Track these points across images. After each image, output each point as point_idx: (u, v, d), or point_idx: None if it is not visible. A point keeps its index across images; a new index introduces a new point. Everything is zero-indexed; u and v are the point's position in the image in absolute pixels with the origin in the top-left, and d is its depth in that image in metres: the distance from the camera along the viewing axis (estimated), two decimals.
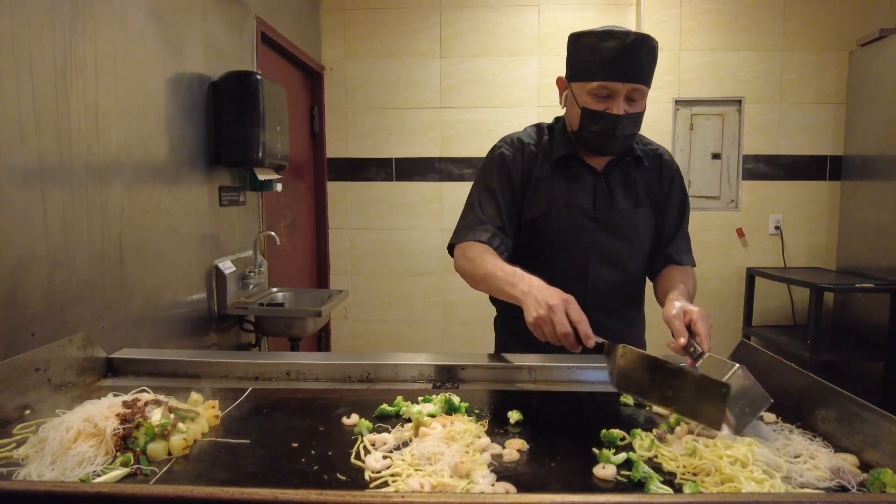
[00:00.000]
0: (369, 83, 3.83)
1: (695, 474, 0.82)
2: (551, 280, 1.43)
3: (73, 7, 1.58)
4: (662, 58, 3.60)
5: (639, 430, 0.94)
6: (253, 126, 2.30)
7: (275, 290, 2.69)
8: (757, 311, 3.69)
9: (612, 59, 1.29)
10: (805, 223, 3.72)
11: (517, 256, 1.49)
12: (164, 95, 2.02)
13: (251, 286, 2.46)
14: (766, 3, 3.58)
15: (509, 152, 1.50)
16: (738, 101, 3.67)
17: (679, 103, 3.70)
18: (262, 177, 2.47)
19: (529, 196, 1.48)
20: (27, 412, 1.03)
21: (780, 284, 3.65)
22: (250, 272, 2.45)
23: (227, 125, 2.30)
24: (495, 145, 1.56)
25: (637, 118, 1.37)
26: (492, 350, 1.62)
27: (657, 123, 3.69)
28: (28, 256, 1.44)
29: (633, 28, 3.69)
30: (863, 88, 3.42)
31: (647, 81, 1.34)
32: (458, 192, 3.87)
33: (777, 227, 3.71)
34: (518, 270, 1.24)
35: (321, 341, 3.88)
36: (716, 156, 3.75)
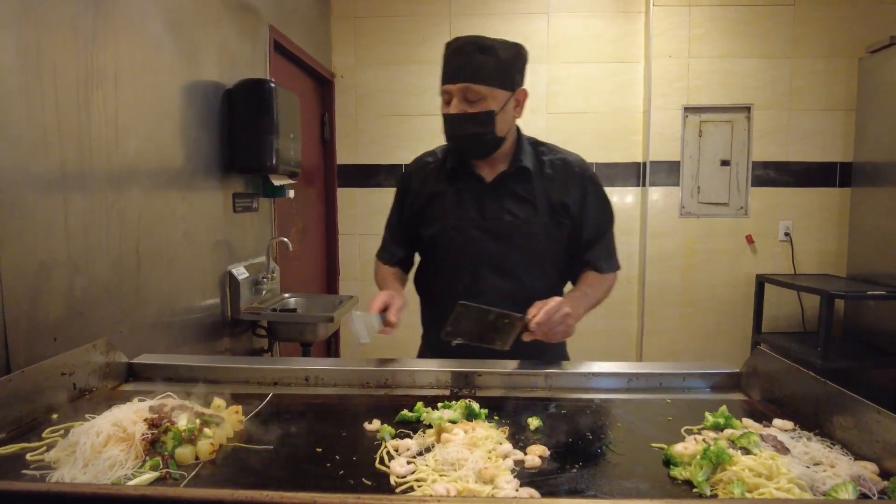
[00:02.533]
0: (379, 90, 3.85)
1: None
2: (449, 290, 1.55)
3: (94, 17, 1.61)
4: (671, 65, 3.65)
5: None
6: (267, 133, 2.32)
7: (287, 295, 2.71)
8: (766, 317, 3.68)
9: (446, 64, 1.37)
10: (815, 230, 3.71)
11: (425, 270, 1.64)
12: (180, 103, 2.05)
13: (264, 292, 2.48)
14: (774, 11, 3.59)
15: (408, 170, 1.64)
16: (747, 108, 3.68)
17: (688, 110, 3.70)
18: (277, 182, 2.50)
19: (426, 211, 1.55)
20: (54, 416, 1.05)
21: (790, 291, 3.64)
22: (263, 278, 2.47)
23: (241, 132, 2.32)
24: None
25: (480, 118, 1.35)
26: (500, 357, 1.64)
27: (666, 130, 3.70)
28: (50, 262, 1.46)
29: (641, 36, 3.72)
30: (873, 95, 3.42)
31: (480, 80, 1.33)
32: None
33: (787, 234, 3.71)
34: (387, 282, 1.56)
35: (330, 346, 3.89)
36: (725, 162, 3.75)
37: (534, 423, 1.03)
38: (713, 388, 1.31)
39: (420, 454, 0.91)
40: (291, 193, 2.67)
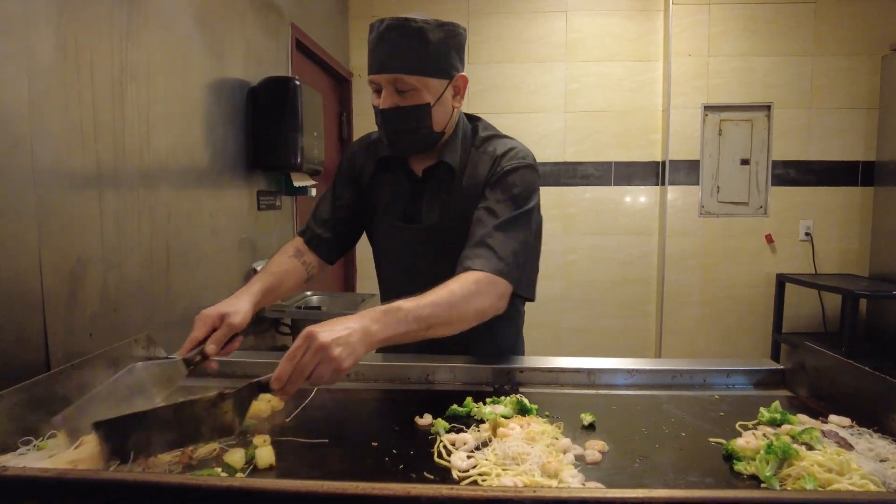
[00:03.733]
0: None
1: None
2: (387, 291, 1.46)
3: (128, 14, 1.61)
4: (690, 64, 3.62)
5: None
6: (291, 131, 2.32)
7: (309, 293, 2.70)
8: (787, 317, 3.65)
9: (372, 51, 1.21)
10: (836, 229, 3.68)
11: (377, 271, 1.49)
12: (208, 100, 2.05)
13: None
14: (796, 8, 3.56)
15: (353, 150, 1.47)
16: (768, 107, 3.65)
17: (707, 109, 3.68)
18: (297, 182, 2.49)
19: (366, 199, 1.42)
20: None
21: (811, 291, 3.61)
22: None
23: (265, 130, 2.32)
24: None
25: (414, 112, 1.21)
26: (522, 352, 1.58)
27: (686, 129, 3.68)
28: (86, 258, 1.46)
29: (660, 34, 3.70)
30: None
31: (410, 70, 1.17)
32: None
33: (807, 234, 3.68)
34: (256, 277, 1.33)
35: None
36: (744, 161, 3.73)
37: (587, 418, 1.02)
38: (756, 384, 1.30)
39: (477, 448, 0.90)
40: (314, 192, 2.67)
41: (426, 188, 1.34)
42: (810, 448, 0.88)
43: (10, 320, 1.20)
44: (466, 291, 1.10)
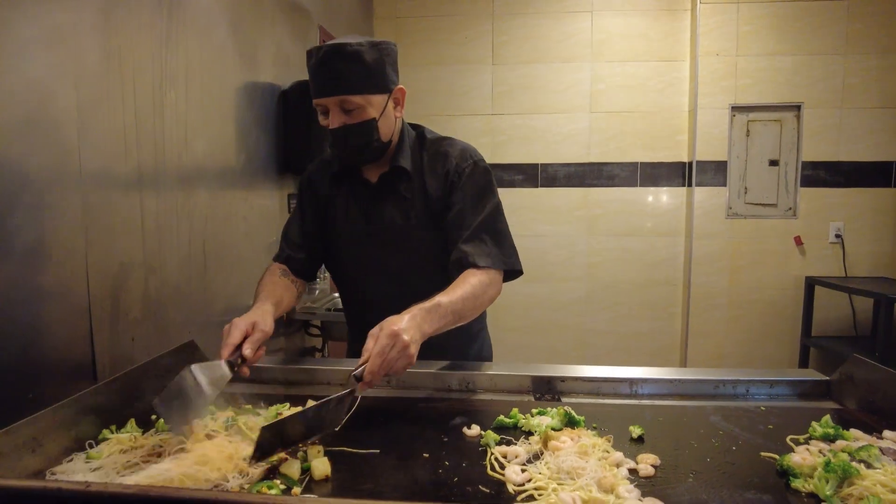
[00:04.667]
0: (421, 91, 3.85)
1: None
2: (349, 299, 1.55)
3: (168, 21, 1.63)
4: (718, 63, 3.59)
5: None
6: (321, 134, 2.33)
7: (336, 295, 2.72)
8: (816, 321, 3.60)
9: (315, 76, 1.30)
10: (868, 231, 3.62)
11: (335, 275, 1.58)
12: (241, 105, 2.07)
13: (316, 292, 2.49)
14: (826, 6, 3.50)
15: (309, 171, 1.56)
16: (797, 107, 3.60)
17: (735, 109, 3.64)
18: None
19: (323, 216, 1.50)
20: (153, 417, 1.06)
21: (841, 294, 3.55)
22: (316, 278, 2.48)
23: (296, 133, 2.34)
24: None
25: (362, 127, 1.30)
26: (537, 356, 1.63)
27: (713, 130, 3.63)
28: (128, 263, 1.48)
29: (687, 33, 3.66)
30: None
31: (352, 90, 1.26)
32: (507, 199, 3.82)
33: (838, 236, 3.62)
34: (264, 293, 1.35)
35: None
36: (773, 162, 3.67)
37: (636, 430, 1.01)
38: (801, 395, 1.28)
39: (529, 461, 0.90)
40: None
41: (383, 192, 1.42)
42: (869, 466, 0.86)
43: (59, 324, 1.22)
44: (483, 283, 1.28)
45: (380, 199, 1.42)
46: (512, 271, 1.41)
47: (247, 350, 1.10)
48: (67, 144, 1.26)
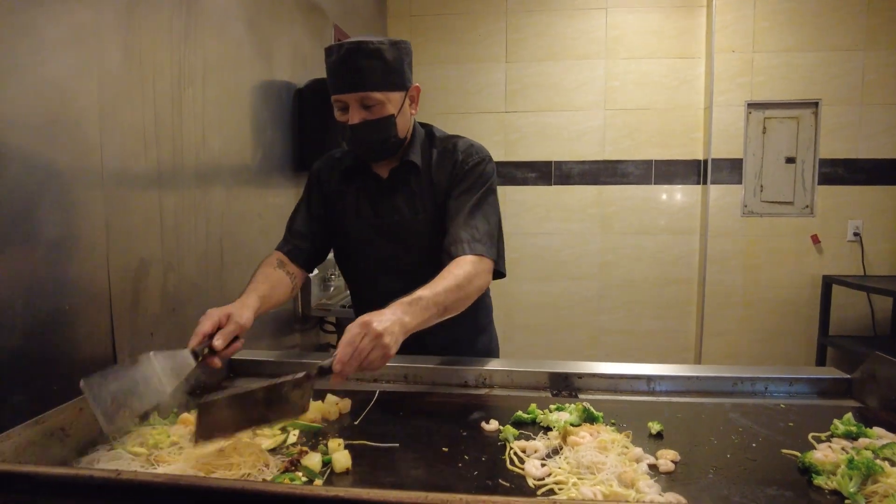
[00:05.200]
0: (434, 89, 3.86)
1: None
2: (356, 294, 1.56)
3: (186, 20, 1.64)
4: (734, 60, 3.55)
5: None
6: (336, 132, 2.34)
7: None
8: (834, 320, 3.55)
9: (335, 72, 1.31)
10: (887, 229, 3.57)
11: (345, 270, 1.58)
12: (257, 103, 2.08)
13: (331, 288, 2.51)
14: (846, 1, 3.45)
15: (317, 167, 1.58)
16: (815, 104, 3.55)
17: (751, 106, 3.60)
18: None
19: (331, 211, 1.52)
20: (174, 411, 1.07)
21: (859, 293, 3.51)
22: (331, 275, 2.50)
23: (311, 131, 2.35)
24: None
25: (381, 124, 1.32)
26: (550, 354, 1.63)
27: (728, 127, 3.60)
28: (148, 259, 1.50)
29: (703, 30, 3.63)
30: None
31: (374, 87, 1.29)
32: (521, 197, 3.86)
33: (856, 234, 3.57)
34: (252, 284, 1.34)
35: None
36: (790, 160, 3.63)
37: (655, 426, 1.01)
38: (821, 393, 1.27)
39: (548, 456, 0.90)
40: None
41: (394, 187, 1.44)
42: (893, 464, 0.86)
43: (82, 319, 1.24)
44: (468, 273, 1.25)
45: (390, 194, 1.44)
46: (497, 271, 1.40)
47: (217, 341, 1.09)
48: (90, 142, 1.27)
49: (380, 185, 1.45)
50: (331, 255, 1.63)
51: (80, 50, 1.23)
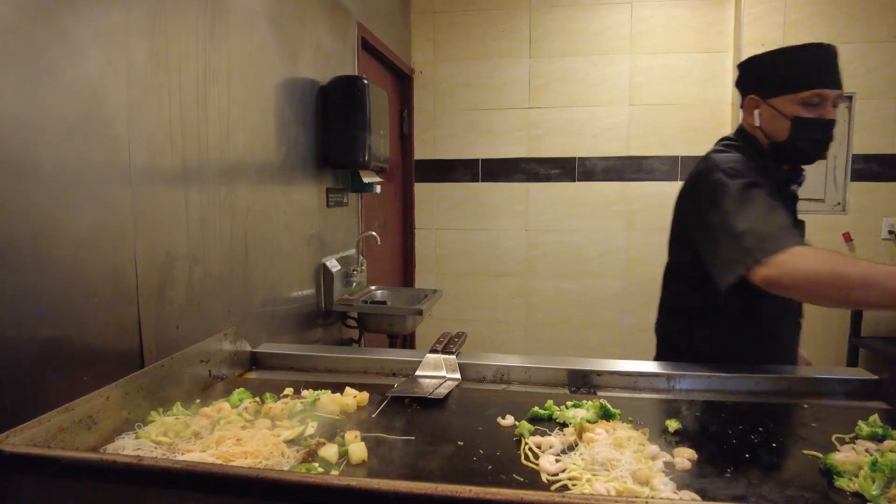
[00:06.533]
0: (457, 85, 3.86)
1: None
2: (772, 310, 1.41)
3: (212, 20, 1.67)
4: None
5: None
6: (360, 129, 2.36)
7: (373, 288, 2.76)
8: (866, 321, 3.46)
9: (824, 67, 1.37)
10: None
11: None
12: (281, 100, 2.11)
13: (354, 284, 2.53)
14: None
15: (743, 165, 1.38)
16: (849, 98, 3.45)
17: None
18: (366, 179, 2.54)
19: None
20: (197, 401, 1.10)
21: None
22: (353, 270, 2.52)
23: (335, 128, 2.37)
24: (719, 168, 1.37)
25: (834, 126, 1.40)
26: (572, 352, 1.61)
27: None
28: (174, 253, 1.53)
29: (731, 23, 3.56)
30: None
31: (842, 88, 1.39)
32: (543, 193, 3.84)
33: (891, 232, 3.47)
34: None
35: (406, 339, 3.94)
36: None
37: (673, 424, 1.00)
38: (848, 394, 1.24)
39: (563, 452, 0.90)
40: (379, 189, 2.72)
41: (794, 198, 1.51)
42: None
43: (110, 311, 1.28)
44: None
45: (794, 202, 1.51)
46: None
47: None
48: (119, 139, 1.31)
49: (793, 194, 1.51)
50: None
51: (110, 50, 1.27)
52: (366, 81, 2.38)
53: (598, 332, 3.89)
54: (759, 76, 1.49)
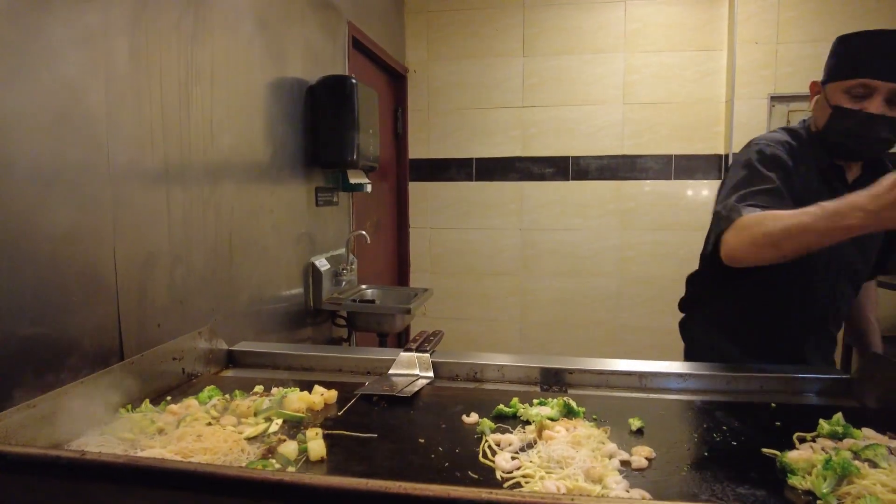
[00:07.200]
0: (451, 84, 3.86)
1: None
2: (800, 301, 1.42)
3: (195, 17, 1.68)
4: (757, 52, 3.47)
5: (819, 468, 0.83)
6: (348, 129, 2.37)
7: (364, 286, 2.77)
8: None
9: (873, 54, 1.24)
10: None
11: (769, 268, 1.30)
12: (268, 99, 2.12)
13: (343, 283, 2.54)
14: None
15: (776, 152, 1.36)
16: None
17: (775, 99, 3.51)
18: (353, 180, 2.55)
19: (801, 204, 1.36)
20: (168, 398, 1.11)
21: (891, 292, 3.39)
22: (343, 269, 2.54)
23: (323, 128, 2.38)
24: (757, 142, 1.41)
25: (894, 123, 1.25)
26: (567, 350, 1.61)
27: (750, 121, 3.52)
28: (156, 252, 1.55)
29: (725, 21, 3.55)
30: None
31: None
32: (538, 192, 3.84)
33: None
34: (826, 204, 1.09)
35: (400, 338, 3.95)
36: None
37: (635, 423, 1.00)
38: (819, 393, 1.24)
39: (522, 450, 0.91)
40: (369, 188, 2.72)
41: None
42: (874, 465, 0.84)
43: (89, 309, 1.29)
44: None
45: None
46: None
47: None
48: (97, 139, 1.32)
49: (848, 189, 1.32)
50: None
51: (88, 50, 1.28)
52: (354, 81, 2.39)
53: (593, 330, 3.89)
54: (826, 61, 1.37)
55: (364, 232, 2.62)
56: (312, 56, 2.49)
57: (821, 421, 1.00)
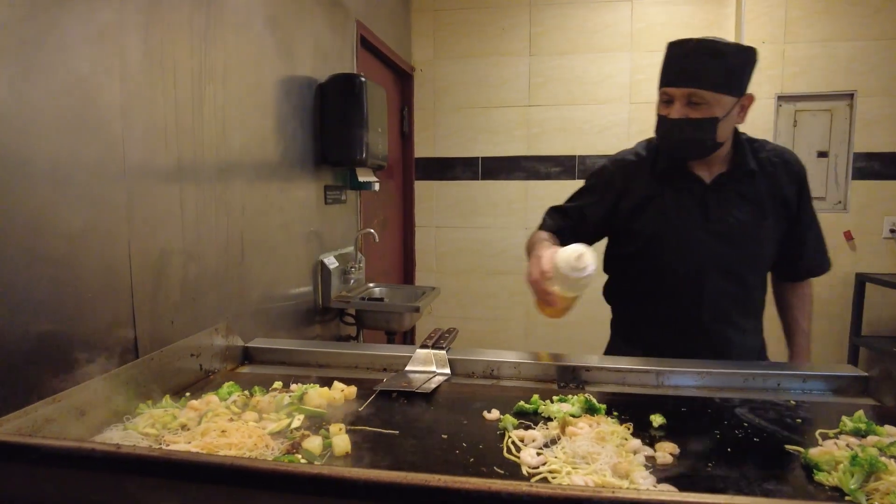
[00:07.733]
0: (457, 83, 3.86)
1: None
2: (670, 293, 1.50)
3: (207, 17, 1.68)
4: (764, 52, 3.43)
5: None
6: (357, 127, 2.37)
7: (371, 285, 2.77)
8: (867, 319, 3.45)
9: (672, 65, 1.36)
10: None
11: (631, 272, 1.59)
12: (278, 98, 2.12)
13: (351, 281, 2.54)
14: None
15: (608, 169, 1.57)
16: (850, 95, 3.44)
17: (782, 99, 3.51)
18: (362, 178, 2.55)
19: (639, 213, 1.50)
20: (187, 394, 1.11)
21: (895, 292, 3.39)
22: (351, 268, 2.54)
23: (332, 126, 2.38)
24: (610, 157, 1.62)
25: (703, 125, 1.33)
26: (573, 350, 1.62)
27: (757, 120, 3.51)
28: (169, 250, 1.55)
29: (732, 21, 3.55)
30: None
31: (708, 86, 1.30)
32: (543, 191, 3.84)
33: (893, 231, 3.45)
34: (546, 243, 1.37)
35: (406, 336, 3.95)
36: (822, 154, 3.53)
37: (657, 420, 1.00)
38: (836, 391, 1.24)
39: (546, 446, 0.91)
40: (377, 187, 2.72)
41: (724, 192, 1.45)
42: None
43: (105, 306, 1.29)
44: (810, 301, 1.65)
45: (722, 199, 1.45)
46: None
47: None
48: (112, 137, 1.32)
49: (705, 189, 1.46)
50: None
51: (103, 48, 1.28)
52: (363, 79, 2.39)
53: (600, 329, 3.88)
54: None
55: (372, 230, 2.62)
56: (321, 54, 2.49)
57: (843, 418, 1.00)
